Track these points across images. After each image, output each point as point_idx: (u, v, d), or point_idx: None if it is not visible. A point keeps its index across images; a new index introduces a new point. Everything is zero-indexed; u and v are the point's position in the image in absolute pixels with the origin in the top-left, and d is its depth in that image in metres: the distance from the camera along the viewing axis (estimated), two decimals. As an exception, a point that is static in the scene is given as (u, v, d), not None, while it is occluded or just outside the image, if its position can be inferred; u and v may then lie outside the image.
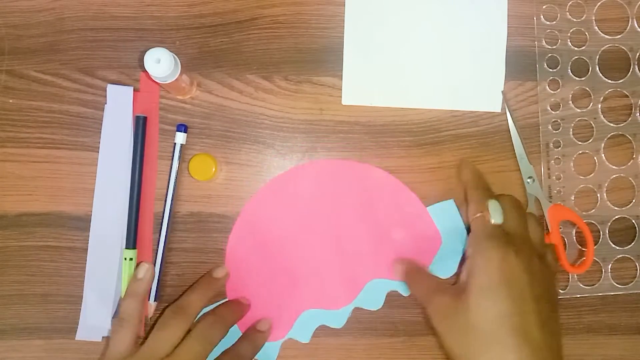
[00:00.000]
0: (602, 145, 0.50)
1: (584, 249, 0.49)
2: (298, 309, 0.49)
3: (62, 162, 0.48)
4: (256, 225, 0.48)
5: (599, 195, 0.50)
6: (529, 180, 0.49)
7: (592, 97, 0.50)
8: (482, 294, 0.40)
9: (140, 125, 0.47)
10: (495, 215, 0.43)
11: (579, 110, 0.50)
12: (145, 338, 0.44)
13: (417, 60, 0.49)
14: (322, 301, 0.49)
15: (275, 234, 0.49)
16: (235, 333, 0.47)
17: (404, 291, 0.49)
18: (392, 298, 0.49)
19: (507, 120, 0.49)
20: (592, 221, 0.50)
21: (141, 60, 0.42)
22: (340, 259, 0.48)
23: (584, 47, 0.50)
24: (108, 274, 0.47)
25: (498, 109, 0.49)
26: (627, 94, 0.50)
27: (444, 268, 0.48)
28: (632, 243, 0.50)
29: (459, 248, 0.48)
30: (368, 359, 0.49)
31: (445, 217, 0.49)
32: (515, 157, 0.49)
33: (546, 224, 0.48)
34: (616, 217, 0.50)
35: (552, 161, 0.50)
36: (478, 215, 0.44)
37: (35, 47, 0.48)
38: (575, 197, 0.50)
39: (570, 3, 0.50)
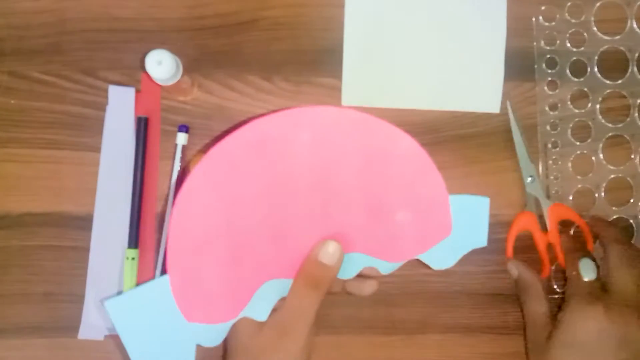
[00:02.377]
0: (601, 145, 0.50)
1: None
2: (259, 280, 0.41)
3: (64, 162, 0.48)
4: (221, 175, 0.39)
5: (597, 195, 0.50)
6: (529, 178, 0.49)
7: (591, 97, 0.50)
8: (562, 349, 0.40)
9: (142, 126, 0.47)
10: (587, 272, 0.43)
11: (577, 111, 0.50)
12: None
13: (416, 61, 0.50)
14: (287, 269, 0.41)
15: (245, 186, 0.40)
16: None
17: (383, 269, 0.43)
18: (392, 297, 0.49)
19: (506, 120, 0.50)
20: (590, 221, 0.50)
21: (142, 61, 0.42)
22: (322, 224, 0.41)
23: (582, 48, 0.50)
24: (110, 273, 0.48)
25: (497, 110, 0.50)
26: (626, 94, 0.50)
27: (440, 258, 0.43)
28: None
29: (467, 246, 0.44)
30: (366, 358, 0.50)
31: (469, 213, 0.43)
32: (515, 157, 0.49)
33: (545, 223, 0.49)
34: (614, 217, 0.50)
35: (550, 161, 0.50)
36: (573, 273, 0.44)
37: (37, 48, 0.48)
38: (573, 197, 0.50)
39: (569, 4, 0.50)
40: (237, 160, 0.39)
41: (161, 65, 0.42)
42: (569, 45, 0.50)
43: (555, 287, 0.50)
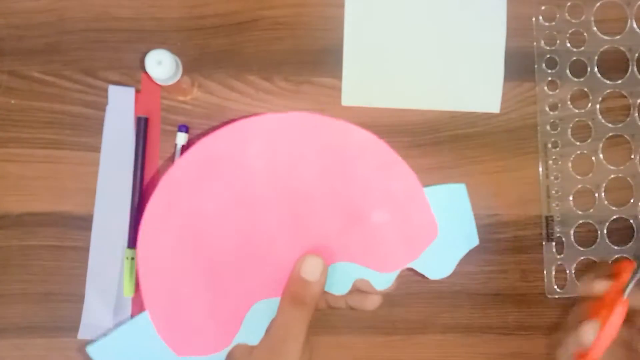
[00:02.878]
0: (601, 145, 0.50)
1: None
2: (247, 303, 0.39)
3: (64, 162, 0.48)
4: (179, 202, 0.37)
5: (597, 195, 0.50)
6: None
7: (591, 97, 0.50)
8: None
9: (142, 126, 0.47)
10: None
11: (577, 111, 0.50)
12: None
13: (416, 61, 0.50)
14: (273, 288, 0.39)
15: (208, 210, 0.38)
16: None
17: (376, 284, 0.41)
18: (392, 297, 0.49)
19: (506, 120, 0.50)
20: (590, 221, 0.50)
21: (142, 61, 0.42)
22: (298, 237, 0.39)
23: (582, 48, 0.50)
24: (110, 273, 0.48)
25: (497, 110, 0.50)
26: (626, 94, 0.50)
27: (435, 267, 0.42)
28: (630, 243, 0.50)
29: (461, 245, 0.42)
30: (367, 358, 0.50)
31: (449, 204, 0.41)
32: (516, 157, 0.49)
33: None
34: (614, 217, 0.50)
35: (550, 161, 0.50)
36: None
37: (36, 47, 0.48)
38: (573, 197, 0.50)
39: (569, 4, 0.50)
40: (191, 185, 0.38)
41: (161, 65, 0.42)
42: (569, 45, 0.50)
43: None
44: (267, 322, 0.40)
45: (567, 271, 0.50)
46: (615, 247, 0.50)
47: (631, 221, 0.51)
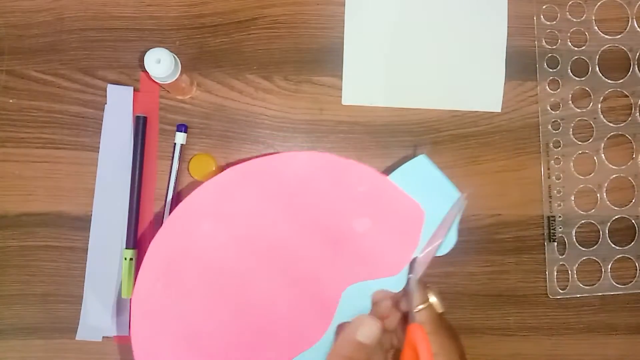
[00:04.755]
0: (602, 145, 0.50)
1: None
2: None
3: (62, 162, 0.48)
4: (172, 269, 0.35)
5: (598, 195, 0.50)
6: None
7: (592, 97, 0.50)
8: None
9: (140, 125, 0.47)
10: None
11: (578, 110, 0.50)
12: None
13: (417, 60, 0.49)
14: (298, 343, 0.38)
15: (201, 282, 0.36)
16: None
17: (392, 286, 0.40)
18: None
19: (507, 120, 0.49)
20: (592, 221, 0.50)
21: (141, 60, 0.42)
22: (296, 286, 0.38)
23: (583, 47, 0.50)
24: (108, 273, 0.47)
25: (498, 109, 0.49)
26: (627, 93, 0.50)
27: (445, 241, 0.41)
28: (632, 243, 0.50)
29: (451, 210, 0.40)
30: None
31: (419, 179, 0.40)
32: (517, 156, 0.49)
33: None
34: (616, 217, 0.50)
35: (552, 161, 0.50)
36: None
37: (35, 47, 0.48)
38: (575, 197, 0.50)
39: (570, 3, 0.50)
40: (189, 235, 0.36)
41: (160, 64, 0.42)
42: (570, 44, 0.50)
43: None
44: None
45: (569, 272, 0.50)
46: (617, 247, 0.50)
47: (633, 221, 0.50)
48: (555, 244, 0.50)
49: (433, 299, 0.40)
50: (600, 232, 0.50)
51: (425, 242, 0.40)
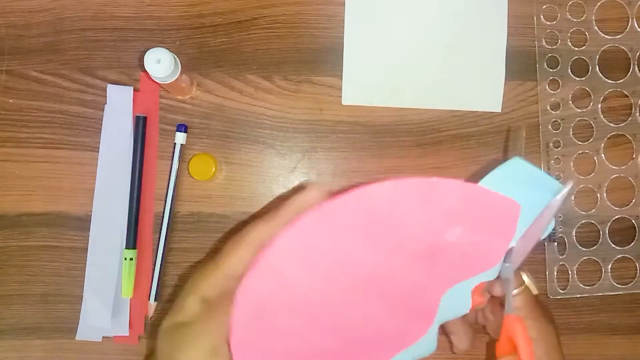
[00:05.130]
0: (602, 145, 0.50)
1: None
2: None
3: (62, 162, 0.48)
4: (263, 313, 0.33)
5: (598, 195, 0.50)
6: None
7: (592, 97, 0.50)
8: None
9: (140, 125, 0.47)
10: None
11: (579, 110, 0.50)
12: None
13: (417, 61, 0.49)
14: (404, 339, 0.37)
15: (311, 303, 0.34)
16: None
17: (488, 278, 0.38)
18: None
19: (507, 119, 0.49)
20: (592, 221, 0.50)
21: (141, 60, 0.42)
22: (393, 302, 0.36)
23: (584, 47, 0.50)
24: (108, 273, 0.47)
25: (498, 109, 0.49)
26: (627, 94, 0.50)
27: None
28: (632, 243, 0.50)
29: (552, 201, 0.37)
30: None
31: (515, 181, 0.37)
32: (515, 157, 0.49)
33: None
34: (616, 217, 0.50)
35: (552, 161, 0.50)
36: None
37: (35, 47, 0.48)
38: (575, 197, 0.50)
39: (570, 3, 0.50)
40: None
41: (160, 64, 0.41)
42: (570, 44, 0.50)
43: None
44: None
45: (569, 272, 0.50)
46: (617, 248, 0.50)
47: (633, 221, 0.50)
48: (556, 244, 0.50)
49: (526, 278, 0.41)
50: (601, 232, 0.50)
51: (521, 233, 0.38)
